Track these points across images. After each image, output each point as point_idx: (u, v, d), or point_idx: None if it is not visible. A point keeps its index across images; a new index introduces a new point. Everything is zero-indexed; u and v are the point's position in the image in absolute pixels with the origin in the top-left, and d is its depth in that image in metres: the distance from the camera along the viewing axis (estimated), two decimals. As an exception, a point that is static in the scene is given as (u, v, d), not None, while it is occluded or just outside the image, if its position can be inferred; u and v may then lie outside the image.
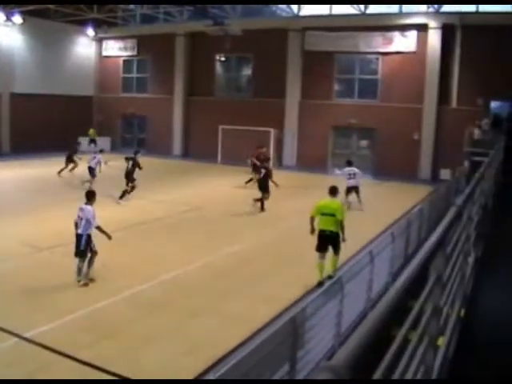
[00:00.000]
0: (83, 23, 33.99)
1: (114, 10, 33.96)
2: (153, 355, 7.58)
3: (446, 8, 27.07)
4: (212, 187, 22.92)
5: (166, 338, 8.27)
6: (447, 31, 26.46)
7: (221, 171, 28.06)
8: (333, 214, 10.42)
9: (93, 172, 21.28)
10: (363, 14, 28.82)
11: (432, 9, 27.17)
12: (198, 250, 13.12)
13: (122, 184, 19.00)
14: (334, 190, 10.99)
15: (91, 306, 9.17)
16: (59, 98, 33.34)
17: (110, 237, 10.59)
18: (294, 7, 31.29)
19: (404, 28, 27.53)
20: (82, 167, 22.49)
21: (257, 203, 17.96)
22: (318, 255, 10.60)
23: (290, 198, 20.33)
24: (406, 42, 27.57)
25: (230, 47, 28.94)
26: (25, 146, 30.31)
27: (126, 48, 36.31)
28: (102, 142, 32.70)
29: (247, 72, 33.43)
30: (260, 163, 20.65)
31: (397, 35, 27.66)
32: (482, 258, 6.04)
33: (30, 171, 25.17)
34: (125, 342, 8.10)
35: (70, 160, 23.81)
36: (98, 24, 34.74)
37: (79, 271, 10.27)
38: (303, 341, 6.32)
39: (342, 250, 10.86)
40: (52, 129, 32.20)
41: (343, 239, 10.55)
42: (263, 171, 18.75)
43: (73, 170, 23.79)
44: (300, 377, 5.95)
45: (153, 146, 34.25)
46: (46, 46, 33.08)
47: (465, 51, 26.27)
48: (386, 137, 27.91)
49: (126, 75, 36.84)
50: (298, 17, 31.16)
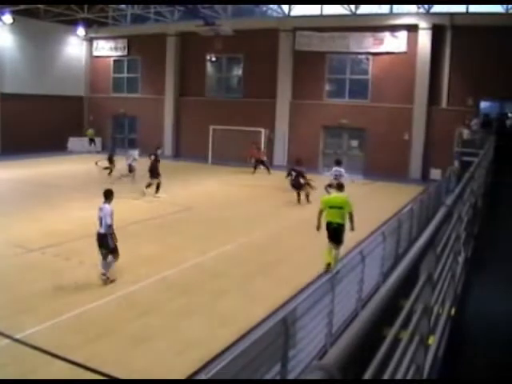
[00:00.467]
0: (74, 23, 33.73)
1: (104, 10, 33.80)
2: (144, 355, 7.57)
3: (436, 9, 27.21)
4: (203, 188, 22.88)
5: (158, 338, 8.25)
6: (437, 32, 26.59)
7: (211, 171, 28.01)
8: (341, 207, 11.26)
9: (132, 168, 22.06)
10: (354, 15, 28.89)
11: (422, 9, 27.30)
12: (188, 250, 13.10)
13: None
14: (340, 186, 12.15)
15: (82, 307, 9.13)
16: (50, 98, 33.11)
17: (116, 239, 10.64)
18: (285, 7, 31.32)
19: (394, 28, 27.62)
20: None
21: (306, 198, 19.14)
22: (327, 244, 11.33)
23: (281, 198, 20.36)
24: (396, 43, 27.65)
25: (221, 47, 28.92)
26: (15, 146, 30.09)
27: (116, 48, 36.07)
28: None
29: (238, 72, 33.36)
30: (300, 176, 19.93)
31: (387, 36, 27.73)
32: (472, 258, 6.08)
33: (20, 171, 24.95)
34: (117, 343, 8.08)
35: (110, 161, 23.87)
36: (88, 24, 34.51)
37: (108, 266, 10.48)
38: (294, 340, 6.33)
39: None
40: (43, 129, 32.00)
41: (352, 228, 11.34)
42: (293, 173, 19.60)
43: (111, 172, 23.63)
44: (291, 376, 5.95)
45: (143, 146, 34.00)
46: (36, 46, 32.86)
47: (455, 52, 26.41)
48: (376, 137, 28.00)
49: (117, 75, 36.60)
50: (288, 17, 31.16)
